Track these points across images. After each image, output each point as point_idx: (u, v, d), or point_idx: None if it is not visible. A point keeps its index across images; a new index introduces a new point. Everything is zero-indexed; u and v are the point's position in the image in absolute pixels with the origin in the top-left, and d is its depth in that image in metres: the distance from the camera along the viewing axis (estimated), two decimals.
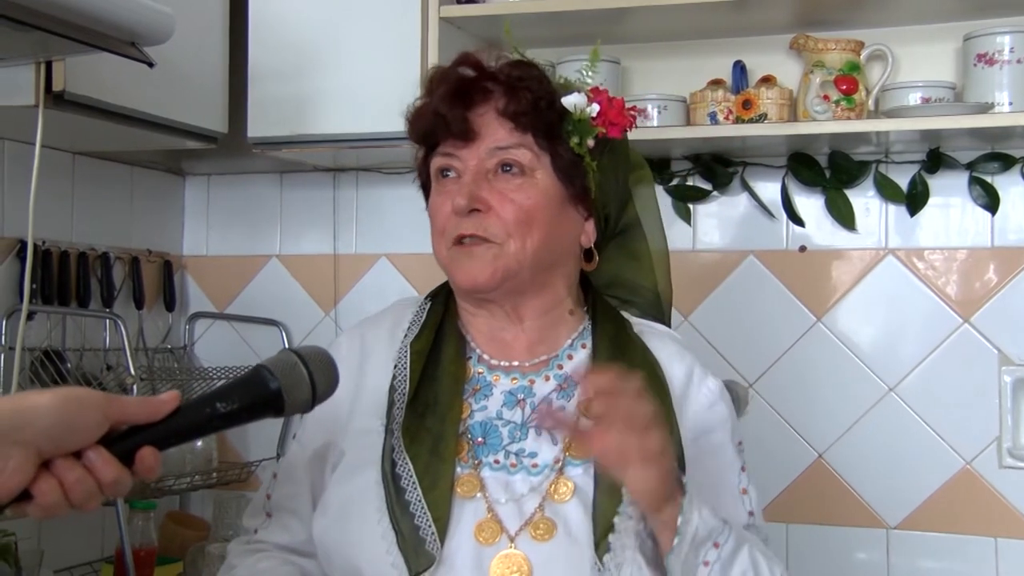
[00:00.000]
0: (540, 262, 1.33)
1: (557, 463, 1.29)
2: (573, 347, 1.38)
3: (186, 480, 2.40)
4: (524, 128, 1.30)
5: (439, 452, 1.27)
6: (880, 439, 2.31)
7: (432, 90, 1.34)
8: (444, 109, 1.30)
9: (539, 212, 1.30)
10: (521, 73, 1.32)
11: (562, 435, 1.30)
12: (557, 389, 1.34)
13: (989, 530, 2.25)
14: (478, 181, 1.30)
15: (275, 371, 1.04)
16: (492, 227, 1.29)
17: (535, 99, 1.30)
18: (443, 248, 1.33)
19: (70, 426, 0.93)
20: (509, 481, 1.28)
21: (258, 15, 2.29)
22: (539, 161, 1.31)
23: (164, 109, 2.06)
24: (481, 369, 1.36)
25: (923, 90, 2.17)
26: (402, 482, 1.24)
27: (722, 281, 2.41)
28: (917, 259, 2.31)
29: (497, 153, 1.30)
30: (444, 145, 1.33)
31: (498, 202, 1.29)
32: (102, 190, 2.51)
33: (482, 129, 1.30)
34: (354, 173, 2.66)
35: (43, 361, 2.22)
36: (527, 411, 1.33)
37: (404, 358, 1.34)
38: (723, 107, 2.22)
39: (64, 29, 1.57)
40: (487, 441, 1.31)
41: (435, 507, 1.23)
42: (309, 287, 2.70)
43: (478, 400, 1.34)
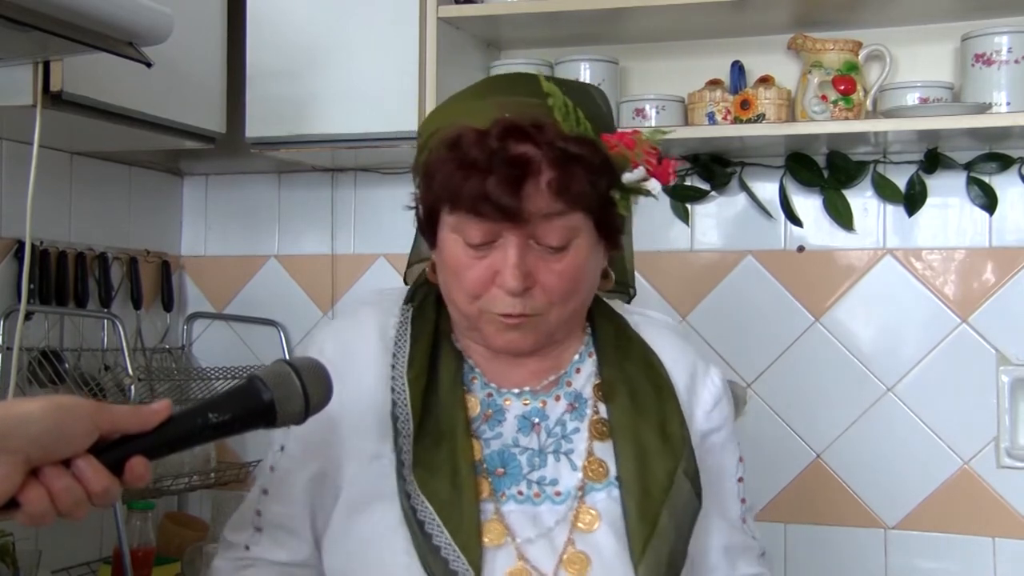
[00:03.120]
0: (576, 315, 1.30)
1: (579, 490, 1.26)
2: (581, 359, 1.35)
3: (184, 480, 2.40)
4: (575, 204, 1.20)
5: (459, 488, 1.21)
6: (878, 439, 2.31)
7: (468, 157, 1.19)
8: (498, 196, 1.17)
9: (581, 275, 1.25)
10: (579, 151, 1.20)
11: (580, 460, 1.28)
12: (569, 409, 1.31)
13: (987, 530, 2.25)
14: (524, 256, 1.20)
15: (268, 382, 1.03)
16: (538, 303, 1.23)
17: (592, 180, 1.20)
18: (474, 308, 1.25)
19: (59, 434, 0.92)
20: (536, 514, 1.25)
21: (256, 15, 2.29)
22: (584, 222, 1.22)
23: (162, 109, 2.06)
24: (490, 392, 1.31)
25: (921, 90, 2.18)
26: (427, 527, 1.20)
27: (720, 281, 2.41)
28: (915, 259, 2.31)
29: (545, 220, 1.20)
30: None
31: (544, 276, 1.22)
32: (100, 190, 2.50)
33: (529, 203, 1.18)
34: (352, 173, 2.66)
35: (41, 361, 2.21)
36: (543, 436, 1.29)
37: (401, 387, 1.27)
38: (721, 107, 2.22)
39: (62, 29, 1.57)
40: (507, 471, 1.27)
41: (467, 551, 1.19)
42: (307, 287, 2.70)
43: (492, 427, 1.29)
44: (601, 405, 1.31)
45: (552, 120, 1.21)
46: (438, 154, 1.22)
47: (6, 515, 0.93)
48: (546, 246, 1.21)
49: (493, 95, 1.28)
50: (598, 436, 1.29)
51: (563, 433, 1.30)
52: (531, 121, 1.20)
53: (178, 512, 2.64)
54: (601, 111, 1.30)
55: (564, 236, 1.21)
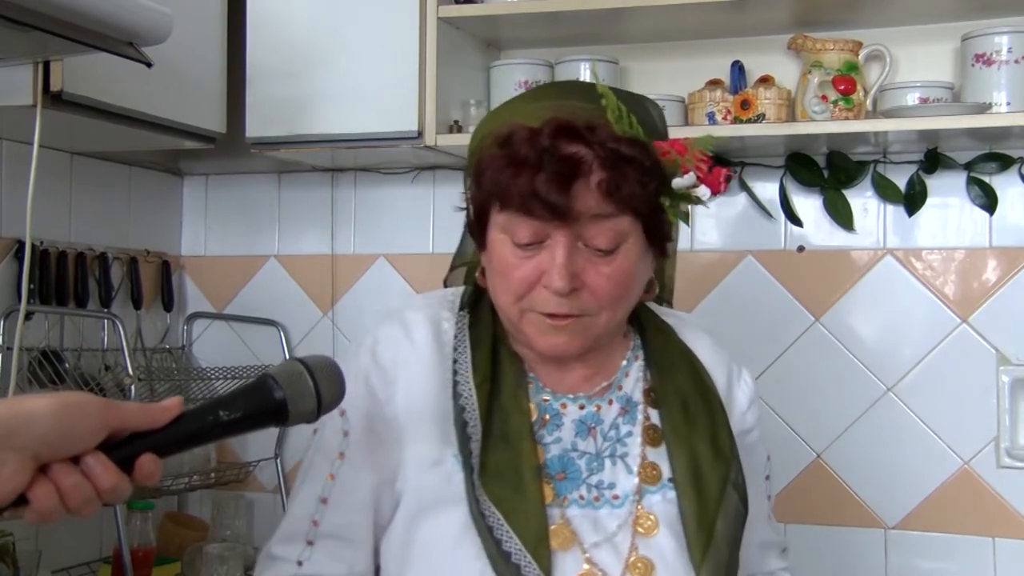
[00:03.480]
0: (623, 320, 1.31)
1: (636, 493, 1.28)
2: (628, 364, 1.36)
3: (184, 480, 2.40)
4: (624, 206, 1.20)
5: (524, 493, 1.22)
6: (878, 439, 2.31)
7: (520, 154, 1.19)
8: (547, 193, 1.17)
9: (629, 279, 1.24)
10: (631, 153, 1.20)
11: (635, 463, 1.30)
12: (621, 413, 1.32)
13: (987, 530, 2.25)
14: (572, 256, 1.20)
15: (280, 380, 1.02)
16: (586, 304, 1.23)
17: (643, 182, 1.20)
18: (517, 308, 1.25)
19: (68, 431, 0.92)
20: (596, 517, 1.26)
21: (256, 15, 2.30)
22: (633, 226, 1.22)
23: (162, 109, 2.06)
24: (547, 397, 1.31)
25: (921, 90, 2.18)
26: (496, 532, 1.20)
27: (720, 281, 2.41)
28: (915, 259, 2.31)
29: (594, 222, 1.20)
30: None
31: (592, 278, 1.22)
32: (100, 190, 2.50)
33: (579, 203, 1.19)
34: (352, 173, 2.66)
35: (41, 361, 2.21)
36: (599, 440, 1.30)
37: (468, 392, 1.27)
38: (721, 107, 2.22)
39: (62, 29, 1.57)
40: (567, 475, 1.28)
41: (538, 557, 1.20)
42: (307, 287, 2.70)
43: (550, 431, 1.29)
44: (652, 411, 1.33)
45: (605, 121, 1.21)
46: (489, 152, 1.23)
47: (15, 512, 0.93)
48: (594, 248, 1.21)
49: (547, 99, 1.29)
50: (650, 442, 1.31)
51: (617, 437, 1.31)
52: (584, 122, 1.20)
53: (178, 512, 2.64)
54: (653, 120, 1.30)
55: (613, 239, 1.21)
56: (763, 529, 1.44)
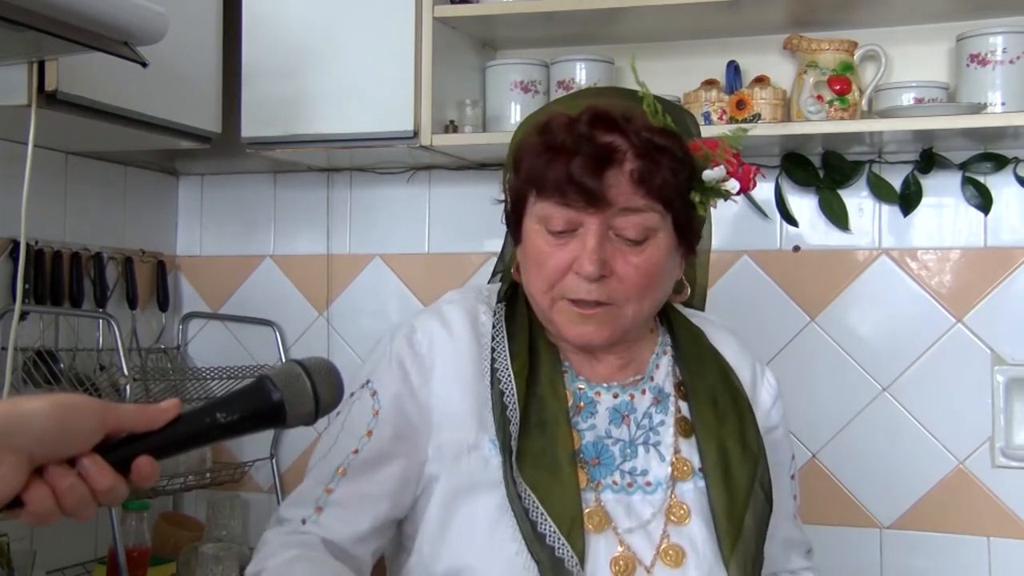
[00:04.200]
0: (651, 315, 1.35)
1: (669, 481, 1.31)
2: (658, 357, 1.39)
3: (180, 480, 2.40)
4: (657, 196, 1.25)
5: (560, 477, 1.25)
6: (874, 439, 2.32)
7: (557, 140, 1.24)
8: (581, 177, 1.22)
9: (658, 272, 1.28)
10: (664, 142, 1.25)
11: (668, 452, 1.33)
12: (654, 403, 1.36)
13: (982, 530, 2.25)
14: (602, 243, 1.25)
15: (278, 382, 1.02)
16: (615, 293, 1.27)
17: (674, 171, 1.25)
18: (548, 297, 1.29)
19: (64, 433, 0.91)
20: (630, 503, 1.30)
21: (251, 15, 2.29)
22: (663, 221, 1.27)
23: (157, 109, 2.06)
24: (582, 385, 1.35)
25: (916, 90, 2.18)
26: (531, 514, 1.23)
27: (716, 281, 2.41)
28: (910, 259, 2.31)
29: (624, 214, 1.25)
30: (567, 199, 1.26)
31: (621, 266, 1.26)
32: (95, 190, 2.50)
33: (612, 192, 1.23)
34: (348, 173, 2.66)
35: (36, 361, 2.21)
36: (633, 428, 1.34)
37: (508, 378, 1.30)
38: (717, 107, 2.22)
39: (57, 29, 1.57)
40: (601, 461, 1.31)
41: (572, 539, 1.23)
42: (303, 287, 2.70)
43: (585, 418, 1.33)
44: (683, 403, 1.36)
45: (641, 112, 1.26)
46: (528, 139, 1.29)
47: (11, 514, 0.92)
48: (624, 239, 1.25)
49: (588, 97, 1.34)
50: (682, 433, 1.35)
51: (650, 425, 1.35)
52: (621, 111, 1.25)
53: (173, 512, 2.64)
54: (687, 123, 1.34)
55: (643, 231, 1.25)
56: (787, 528, 1.46)
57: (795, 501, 1.50)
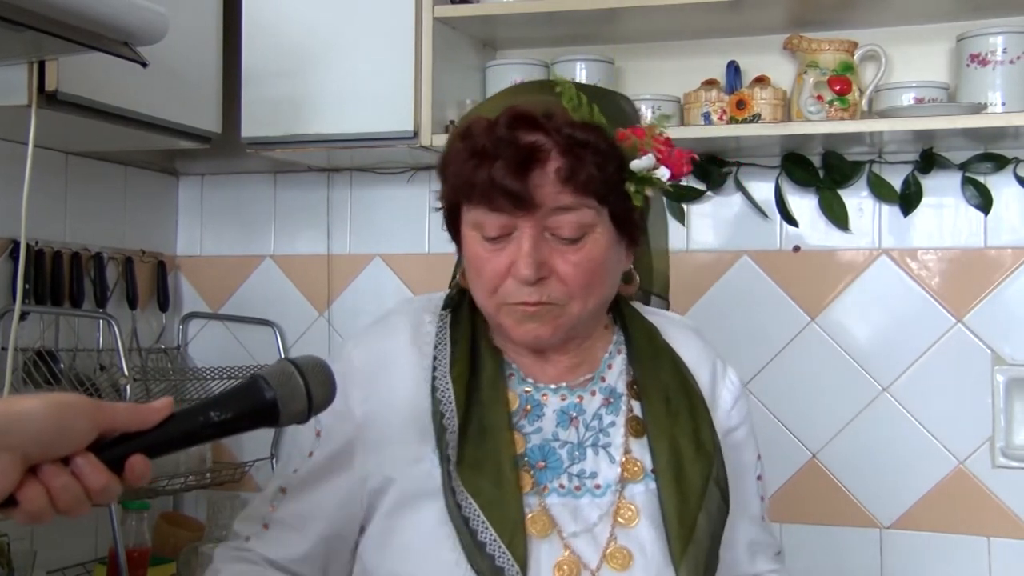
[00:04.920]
0: (597, 311, 1.32)
1: (618, 483, 1.29)
2: (611, 356, 1.37)
3: (180, 480, 2.39)
4: (586, 192, 1.22)
5: (501, 483, 1.23)
6: (874, 439, 2.32)
7: (478, 145, 1.22)
8: (504, 181, 1.20)
9: (599, 268, 1.26)
10: (586, 137, 1.22)
11: (618, 453, 1.31)
12: (604, 403, 1.34)
13: (982, 530, 2.25)
14: (538, 245, 1.23)
15: (271, 381, 1.02)
16: (555, 292, 1.25)
17: (600, 165, 1.22)
18: (493, 302, 1.27)
19: (58, 432, 0.92)
20: (577, 506, 1.27)
21: (252, 15, 2.29)
22: (599, 216, 1.24)
23: (157, 109, 2.06)
24: (528, 388, 1.33)
25: (916, 90, 2.18)
26: (471, 523, 1.21)
27: (716, 281, 2.41)
28: (910, 259, 2.31)
29: (557, 214, 1.22)
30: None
31: (560, 266, 1.24)
32: (95, 190, 2.50)
33: (539, 192, 1.21)
34: (348, 173, 2.66)
35: (36, 361, 2.21)
36: (581, 429, 1.31)
37: (445, 386, 1.28)
38: (717, 107, 2.22)
39: (57, 29, 1.57)
40: (548, 464, 1.29)
41: (513, 547, 1.21)
42: (303, 287, 2.70)
43: (531, 421, 1.31)
44: (635, 403, 1.34)
45: (561, 109, 1.23)
46: (452, 146, 1.28)
47: (5, 513, 0.92)
48: (560, 238, 1.23)
49: (510, 96, 1.32)
50: (634, 433, 1.32)
51: (600, 427, 1.32)
52: (541, 110, 1.22)
53: (173, 512, 2.64)
54: (621, 111, 1.32)
55: (577, 228, 1.23)
56: (752, 530, 1.43)
57: (763, 502, 1.46)
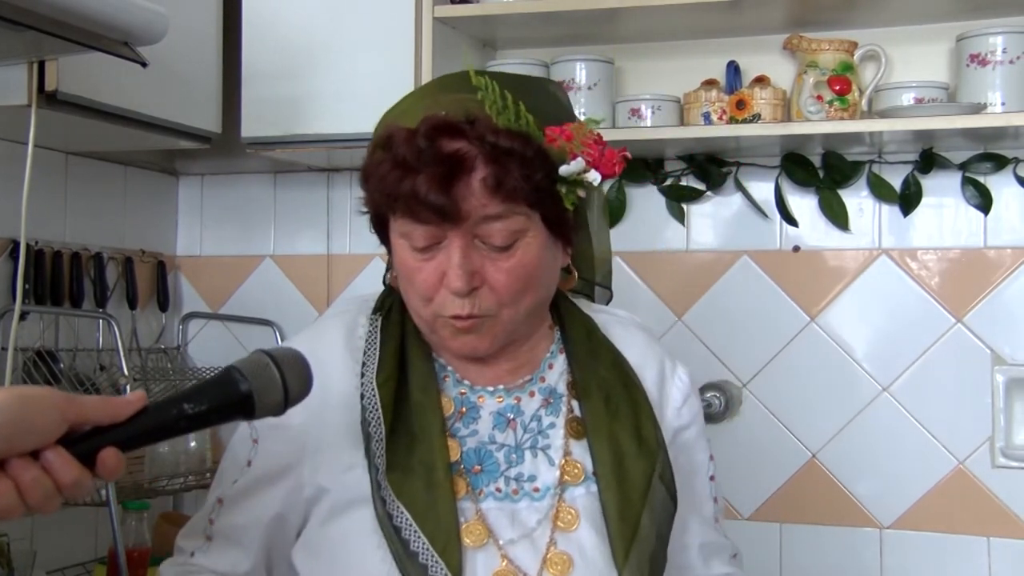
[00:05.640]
0: (533, 313, 1.28)
1: (558, 487, 1.25)
2: (552, 356, 1.33)
3: (180, 480, 2.39)
4: (515, 200, 1.18)
5: (434, 490, 1.19)
6: (873, 439, 2.32)
7: (399, 156, 1.18)
8: (428, 195, 1.15)
9: (533, 273, 1.22)
10: (511, 145, 1.17)
11: (558, 455, 1.27)
12: (544, 404, 1.30)
13: (982, 530, 2.25)
14: (468, 256, 1.18)
15: (246, 372, 1.00)
16: (486, 303, 1.21)
17: (526, 174, 1.17)
18: (426, 311, 1.23)
19: (24, 425, 0.89)
20: (514, 511, 1.23)
21: (252, 15, 2.29)
22: (530, 221, 1.20)
23: (157, 109, 2.06)
24: (463, 390, 1.29)
25: (916, 90, 2.18)
26: (403, 532, 1.17)
27: (715, 281, 2.41)
28: (910, 259, 2.31)
29: (486, 222, 1.18)
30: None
31: (492, 274, 1.20)
32: (95, 190, 2.50)
33: (466, 203, 1.16)
34: (348, 173, 2.66)
35: (36, 361, 2.21)
36: (519, 432, 1.27)
37: (371, 392, 1.24)
38: (717, 107, 2.22)
39: (57, 29, 1.57)
40: (484, 468, 1.25)
41: (447, 556, 1.16)
42: (303, 287, 2.70)
43: (466, 424, 1.27)
44: (575, 403, 1.30)
45: (485, 115, 1.19)
46: (372, 156, 1.23)
47: None
48: (491, 245, 1.19)
49: (432, 94, 1.27)
50: (574, 435, 1.28)
51: (539, 428, 1.28)
52: (463, 116, 1.18)
53: (173, 512, 2.64)
54: (552, 104, 1.27)
55: (508, 236, 1.19)
56: (705, 531, 1.40)
57: (716, 504, 1.42)
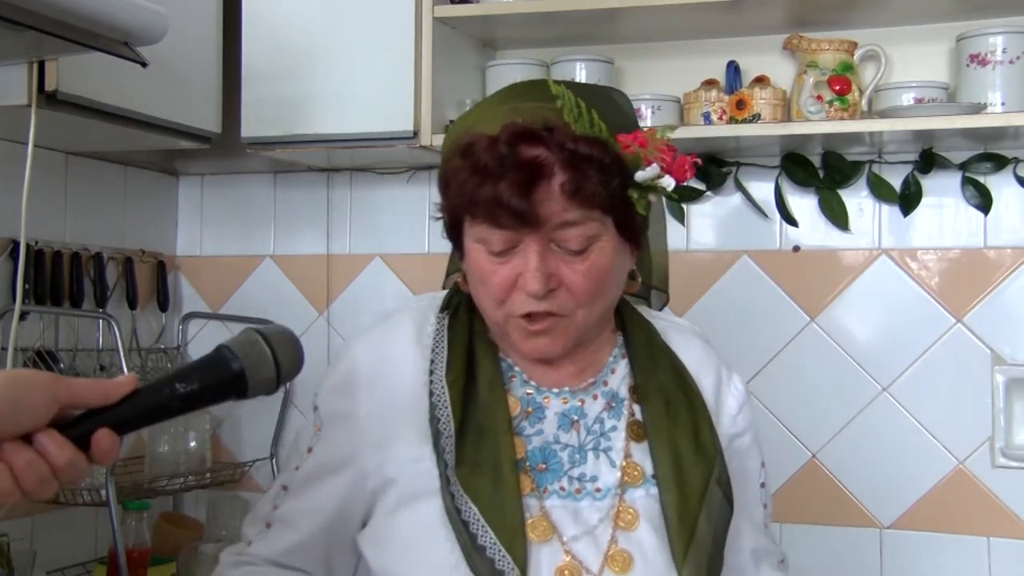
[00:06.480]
0: (603, 316, 1.32)
1: (619, 487, 1.29)
2: (615, 360, 1.37)
3: (180, 480, 2.39)
4: (591, 206, 1.22)
5: (501, 486, 1.23)
6: (873, 439, 2.32)
7: (480, 163, 1.21)
8: (510, 200, 1.19)
9: (606, 276, 1.26)
10: (589, 151, 1.21)
11: (618, 457, 1.30)
12: (606, 407, 1.34)
13: (982, 530, 2.25)
14: (545, 259, 1.22)
15: (237, 351, 1.00)
16: (563, 303, 1.25)
17: (604, 179, 1.21)
18: (501, 313, 1.27)
19: (14, 406, 0.89)
20: (577, 509, 1.27)
21: (252, 14, 2.29)
22: (604, 226, 1.24)
23: (157, 109, 2.06)
24: (530, 391, 1.33)
25: (916, 90, 2.18)
26: (471, 527, 1.21)
27: (716, 281, 2.41)
28: (910, 259, 2.31)
29: (563, 228, 1.22)
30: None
31: (568, 276, 1.24)
32: (95, 190, 2.50)
33: (544, 208, 1.20)
34: (348, 173, 2.66)
35: (36, 361, 2.21)
36: (583, 433, 1.31)
37: (441, 390, 1.28)
38: (717, 107, 2.22)
39: (57, 29, 1.57)
40: (548, 467, 1.29)
41: (513, 550, 1.20)
42: (303, 287, 2.70)
43: (532, 423, 1.31)
44: (637, 407, 1.34)
45: (563, 122, 1.22)
46: (452, 163, 1.25)
47: None
48: (567, 249, 1.23)
49: (508, 102, 1.30)
50: (635, 437, 1.32)
51: (601, 431, 1.32)
52: (542, 124, 1.21)
53: (173, 512, 2.64)
54: (619, 112, 1.31)
55: (584, 240, 1.23)
56: (756, 537, 1.43)
57: (765, 510, 1.46)
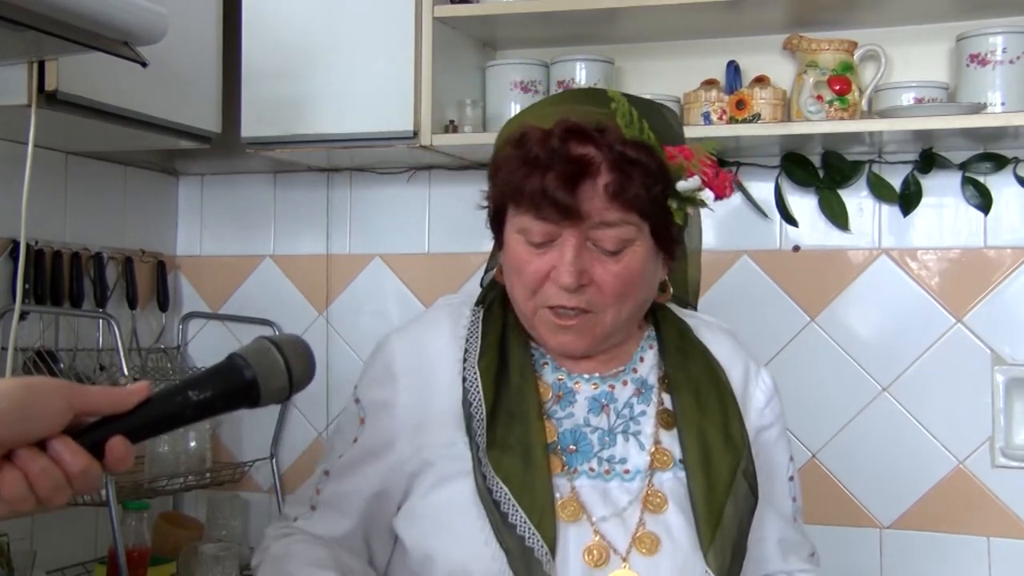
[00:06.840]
0: (631, 319, 1.37)
1: (648, 470, 1.33)
2: (642, 350, 1.42)
3: (179, 480, 2.39)
4: (631, 209, 1.27)
5: (531, 466, 1.27)
6: (873, 439, 2.32)
7: (531, 154, 1.27)
8: (555, 192, 1.25)
9: (636, 279, 1.31)
10: (637, 156, 1.26)
11: (648, 442, 1.34)
12: (636, 393, 1.38)
13: (982, 530, 2.25)
14: (580, 254, 1.28)
15: (249, 359, 1.01)
16: (593, 300, 1.30)
17: (647, 184, 1.27)
18: (531, 304, 1.33)
19: (29, 413, 0.89)
20: (606, 489, 1.31)
21: (252, 15, 2.29)
22: (640, 232, 1.29)
23: (157, 109, 2.06)
24: (561, 376, 1.37)
25: (916, 90, 2.18)
26: (502, 507, 1.25)
27: (716, 281, 2.41)
28: (910, 259, 2.31)
29: (601, 227, 1.27)
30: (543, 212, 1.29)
31: (600, 274, 1.29)
32: (95, 190, 2.50)
33: (587, 205, 1.26)
34: (348, 173, 2.66)
35: (36, 361, 2.21)
36: (612, 417, 1.36)
37: (473, 376, 1.33)
38: (717, 107, 2.22)
39: (57, 28, 1.57)
40: (579, 448, 1.33)
41: (542, 528, 1.24)
42: (303, 287, 2.70)
43: (563, 407, 1.36)
44: (666, 396, 1.38)
45: (615, 125, 1.27)
46: (504, 152, 1.32)
47: None
48: (602, 249, 1.28)
49: (563, 103, 1.36)
50: (664, 425, 1.36)
51: (631, 415, 1.36)
52: (594, 124, 1.27)
53: (173, 512, 2.64)
54: (669, 126, 1.36)
55: (619, 242, 1.28)
56: (785, 529, 1.46)
57: (795, 503, 1.49)
